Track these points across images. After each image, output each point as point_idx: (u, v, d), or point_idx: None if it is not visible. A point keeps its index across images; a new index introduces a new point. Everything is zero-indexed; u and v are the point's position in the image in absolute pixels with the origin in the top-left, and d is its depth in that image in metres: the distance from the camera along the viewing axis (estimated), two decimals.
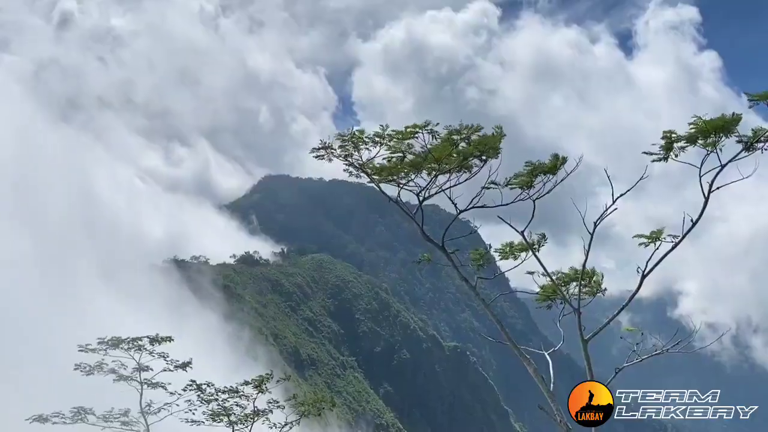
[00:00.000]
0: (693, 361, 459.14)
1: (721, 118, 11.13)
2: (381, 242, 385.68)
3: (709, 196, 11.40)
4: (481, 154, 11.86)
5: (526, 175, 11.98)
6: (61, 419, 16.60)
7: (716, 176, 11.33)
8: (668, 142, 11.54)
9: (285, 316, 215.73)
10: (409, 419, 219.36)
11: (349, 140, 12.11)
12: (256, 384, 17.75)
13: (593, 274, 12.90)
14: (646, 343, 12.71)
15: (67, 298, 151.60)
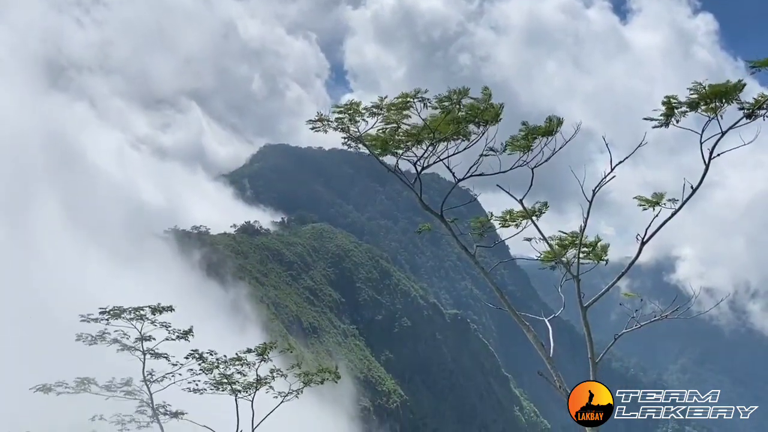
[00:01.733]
0: (691, 326, 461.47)
1: (724, 85, 11.03)
2: (381, 211, 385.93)
3: (709, 162, 11.36)
4: (476, 118, 11.80)
5: (522, 138, 11.91)
6: (64, 389, 16.72)
7: (717, 143, 11.29)
8: (669, 108, 11.46)
9: (286, 285, 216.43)
10: (410, 386, 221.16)
11: (345, 112, 12.04)
12: (259, 352, 17.85)
13: (597, 242, 12.89)
14: (645, 308, 12.74)
15: (67, 268, 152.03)
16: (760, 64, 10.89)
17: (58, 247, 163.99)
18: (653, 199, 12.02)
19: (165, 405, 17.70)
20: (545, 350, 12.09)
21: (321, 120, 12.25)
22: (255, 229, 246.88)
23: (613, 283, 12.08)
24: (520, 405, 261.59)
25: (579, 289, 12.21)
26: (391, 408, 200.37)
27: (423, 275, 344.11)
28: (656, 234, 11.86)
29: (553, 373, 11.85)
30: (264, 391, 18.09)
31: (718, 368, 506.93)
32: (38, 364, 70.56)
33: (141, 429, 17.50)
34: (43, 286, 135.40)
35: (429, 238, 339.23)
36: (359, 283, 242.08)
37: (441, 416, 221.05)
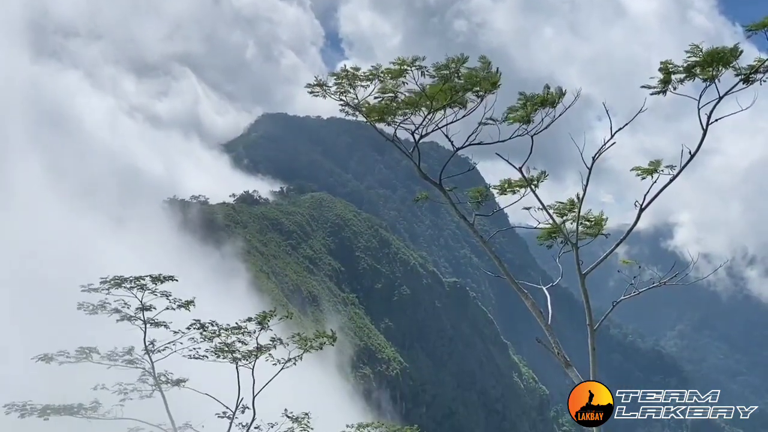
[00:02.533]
0: (689, 293, 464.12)
1: (721, 49, 10.97)
2: (380, 180, 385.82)
3: (707, 128, 11.33)
4: (474, 87, 11.73)
5: (521, 109, 11.86)
6: (66, 358, 16.82)
7: (714, 108, 11.25)
8: (666, 75, 11.40)
9: (285, 254, 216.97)
10: (410, 353, 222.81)
11: (343, 78, 11.98)
12: (259, 321, 17.94)
13: (599, 219, 12.88)
14: (643, 275, 12.78)
15: (67, 237, 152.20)
16: (756, 27, 10.82)
17: (50, 214, 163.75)
18: (650, 167, 12.01)
19: (166, 374, 17.83)
20: (544, 318, 12.16)
21: (319, 85, 12.20)
22: (254, 199, 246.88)
23: (611, 251, 12.11)
24: (518, 371, 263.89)
25: (577, 256, 12.25)
26: (391, 375, 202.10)
27: (422, 244, 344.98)
28: (654, 200, 11.87)
29: (552, 340, 11.94)
30: (264, 359, 18.22)
31: (715, 334, 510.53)
32: (34, 333, 71.02)
33: (143, 398, 17.65)
34: (35, 250, 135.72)
35: (428, 206, 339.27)
36: (358, 252, 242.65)
37: (440, 383, 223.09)
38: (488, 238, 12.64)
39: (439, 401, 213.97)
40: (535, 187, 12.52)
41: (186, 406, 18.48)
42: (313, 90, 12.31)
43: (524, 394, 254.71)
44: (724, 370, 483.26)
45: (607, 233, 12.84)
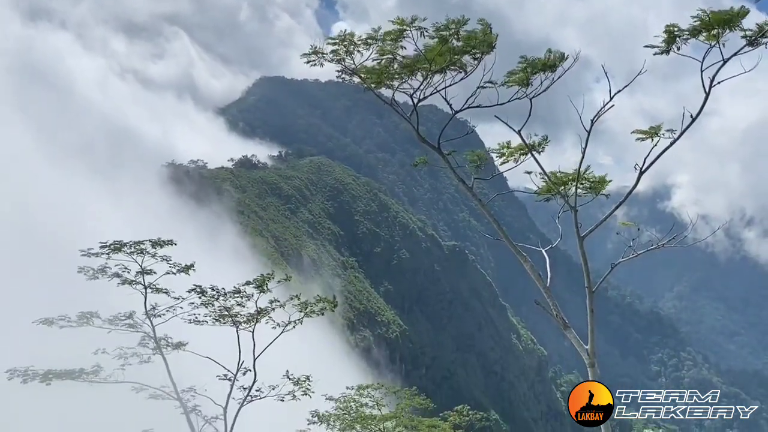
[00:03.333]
0: (687, 254, 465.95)
1: (728, 12, 10.86)
2: (379, 143, 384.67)
3: (710, 90, 11.26)
4: (472, 49, 11.61)
5: (521, 72, 11.76)
6: (67, 322, 16.88)
7: (719, 70, 11.16)
8: (671, 36, 11.30)
9: (285, 218, 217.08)
10: (409, 316, 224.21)
11: (340, 44, 11.83)
12: (258, 284, 17.99)
13: (600, 179, 12.83)
14: (641, 237, 12.79)
15: (65, 201, 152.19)
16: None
17: (41, 176, 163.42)
18: (651, 131, 11.95)
19: (167, 338, 17.93)
20: (542, 280, 12.20)
21: (316, 53, 12.06)
22: (252, 163, 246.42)
23: (610, 213, 12.11)
24: (517, 333, 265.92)
25: (576, 219, 12.25)
26: (391, 338, 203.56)
27: (421, 207, 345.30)
28: (654, 163, 11.83)
29: (550, 302, 11.99)
30: (264, 322, 18.32)
31: (713, 295, 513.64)
32: (32, 297, 71.37)
33: (143, 362, 17.77)
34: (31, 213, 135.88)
35: (427, 170, 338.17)
36: (358, 216, 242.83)
37: (440, 345, 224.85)
38: (487, 202, 12.62)
39: (439, 363, 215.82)
40: (538, 153, 12.47)
41: (187, 370, 18.63)
42: (310, 59, 12.16)
43: (523, 356, 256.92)
44: (722, 331, 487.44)
45: (608, 194, 12.82)
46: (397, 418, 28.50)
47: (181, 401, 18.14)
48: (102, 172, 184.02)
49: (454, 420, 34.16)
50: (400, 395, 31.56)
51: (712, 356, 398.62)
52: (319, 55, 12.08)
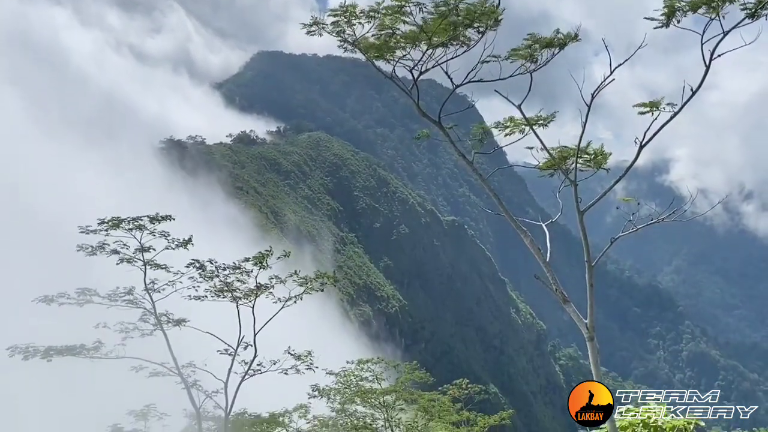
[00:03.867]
0: (685, 228, 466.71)
1: None
2: (378, 119, 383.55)
3: (710, 63, 11.18)
4: (474, 22, 11.51)
5: (525, 49, 11.67)
6: (66, 300, 16.89)
7: (719, 43, 11.08)
8: (671, 9, 11.20)
9: (284, 194, 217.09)
10: (409, 291, 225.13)
11: (341, 15, 11.72)
12: (257, 260, 17.99)
13: (600, 152, 12.77)
14: (641, 211, 12.77)
15: (60, 175, 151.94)
16: None
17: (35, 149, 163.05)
18: (652, 104, 11.89)
19: (167, 313, 17.96)
20: (542, 254, 12.19)
21: (316, 23, 11.95)
22: (251, 139, 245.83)
23: (610, 187, 12.09)
24: (516, 307, 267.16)
25: (576, 193, 12.22)
26: (391, 312, 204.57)
27: (420, 182, 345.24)
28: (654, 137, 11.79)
29: (550, 276, 11.99)
30: (264, 297, 18.35)
31: (712, 269, 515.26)
32: (39, 276, 71.45)
33: (144, 336, 17.81)
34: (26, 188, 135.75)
35: (426, 145, 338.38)
36: (357, 191, 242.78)
37: (439, 319, 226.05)
38: (487, 176, 12.59)
39: (438, 337, 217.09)
40: (543, 126, 12.41)
41: (187, 345, 18.70)
42: (310, 30, 12.06)
43: (522, 330, 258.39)
44: (720, 304, 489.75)
45: (608, 168, 12.78)
46: (397, 391, 28.70)
47: (182, 376, 18.23)
48: (98, 146, 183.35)
49: (453, 393, 34.41)
50: (400, 369, 31.75)
51: (710, 329, 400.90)
52: (319, 26, 11.97)
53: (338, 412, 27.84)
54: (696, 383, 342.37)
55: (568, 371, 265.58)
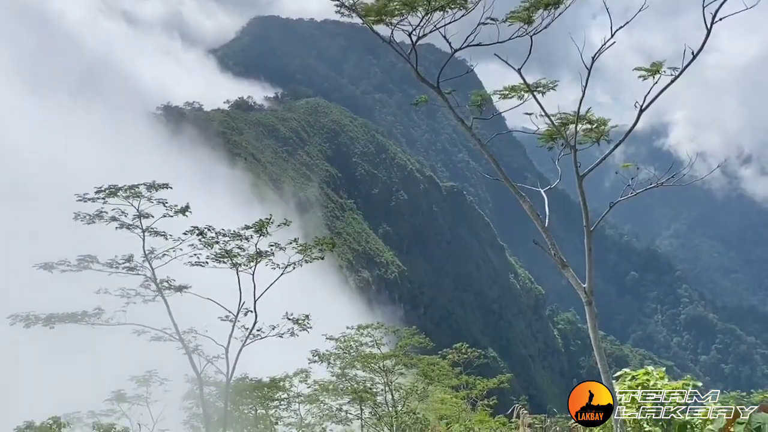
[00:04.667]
0: (683, 192, 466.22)
1: None
2: (376, 84, 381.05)
3: (711, 26, 11.06)
4: None
5: (524, 11, 11.54)
6: (67, 267, 16.93)
7: (720, 6, 10.95)
8: None
9: (282, 161, 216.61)
10: (408, 257, 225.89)
11: None
12: (257, 228, 18.03)
13: (601, 122, 12.68)
14: (639, 175, 12.73)
15: (55, 141, 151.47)
16: None
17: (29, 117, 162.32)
18: (653, 68, 11.78)
19: (168, 280, 18.02)
20: (540, 220, 12.18)
21: None
22: (248, 105, 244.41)
23: (610, 152, 12.03)
24: (515, 273, 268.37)
25: (575, 158, 12.18)
26: (390, 278, 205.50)
27: (419, 148, 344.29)
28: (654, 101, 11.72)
29: (549, 241, 12.00)
30: (264, 264, 18.41)
31: (710, 233, 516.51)
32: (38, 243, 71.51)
33: (146, 302, 17.89)
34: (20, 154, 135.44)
35: (425, 110, 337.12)
36: (355, 157, 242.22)
37: (438, 285, 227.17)
38: (486, 142, 12.54)
39: (437, 303, 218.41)
40: (542, 94, 12.31)
41: (188, 312, 18.80)
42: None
43: (520, 295, 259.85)
44: (718, 268, 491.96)
45: (609, 138, 12.71)
46: (396, 356, 28.94)
47: (183, 342, 18.36)
48: (90, 110, 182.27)
49: (452, 358, 34.74)
50: (400, 334, 32.00)
51: (708, 293, 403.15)
52: None
53: (338, 377, 28.12)
54: (693, 346, 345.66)
55: (566, 335, 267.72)
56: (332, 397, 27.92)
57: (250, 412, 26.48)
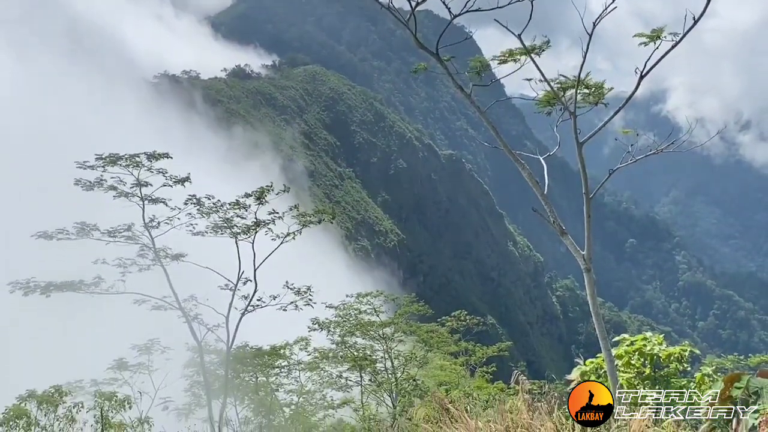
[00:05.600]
0: (682, 158, 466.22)
1: None
2: (374, 51, 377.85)
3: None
4: None
5: None
6: (65, 235, 16.92)
7: None
8: None
9: (280, 129, 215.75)
10: (407, 225, 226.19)
11: None
12: (257, 196, 18.00)
13: (600, 85, 12.59)
14: (639, 142, 12.68)
15: (58, 112, 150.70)
16: None
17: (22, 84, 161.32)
18: (653, 34, 11.67)
19: (166, 248, 18.04)
20: (540, 187, 12.16)
21: None
22: (246, 73, 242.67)
23: (610, 118, 11.97)
24: (514, 240, 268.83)
25: (575, 125, 12.13)
26: (389, 247, 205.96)
27: (418, 116, 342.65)
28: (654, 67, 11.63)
29: (548, 208, 11.99)
30: (263, 233, 18.42)
31: (709, 200, 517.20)
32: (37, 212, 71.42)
33: (143, 272, 17.92)
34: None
35: (423, 78, 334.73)
36: (354, 126, 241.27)
37: (437, 253, 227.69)
38: (485, 109, 12.46)
39: (436, 271, 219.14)
40: (538, 56, 12.20)
41: (187, 281, 18.84)
42: None
43: (519, 262, 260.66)
44: (716, 235, 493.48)
45: (607, 102, 12.62)
46: (395, 324, 29.11)
47: (183, 311, 18.43)
48: (84, 78, 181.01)
49: (451, 325, 34.94)
50: (399, 302, 32.16)
51: (706, 260, 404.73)
52: None
53: (338, 344, 28.30)
54: (691, 313, 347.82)
55: (564, 302, 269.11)
56: (332, 364, 28.13)
57: (250, 379, 26.67)
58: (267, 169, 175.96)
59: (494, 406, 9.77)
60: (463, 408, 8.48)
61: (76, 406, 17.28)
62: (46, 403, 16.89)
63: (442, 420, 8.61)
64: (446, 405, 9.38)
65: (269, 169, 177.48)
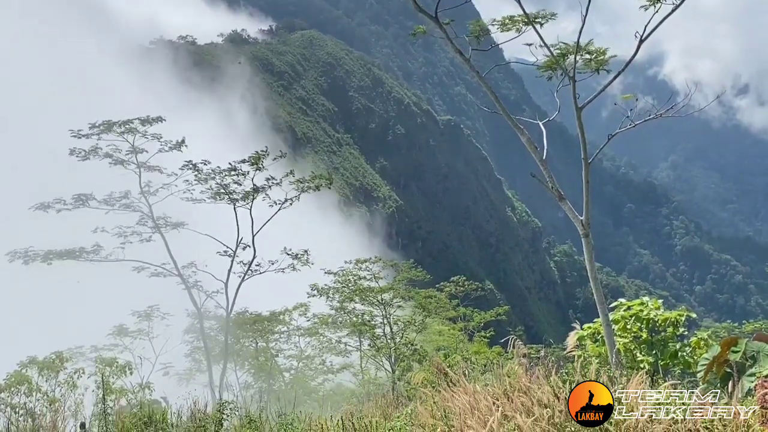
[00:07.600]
0: (681, 123, 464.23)
1: None
2: (372, 16, 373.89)
3: None
4: None
5: None
6: (63, 206, 16.89)
7: None
8: None
9: (278, 95, 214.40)
10: (405, 191, 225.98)
11: None
12: (253, 161, 17.93)
13: (601, 51, 12.48)
14: (637, 107, 12.62)
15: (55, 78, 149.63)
16: None
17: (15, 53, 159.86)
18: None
19: (165, 216, 18.03)
20: (538, 152, 12.13)
21: None
22: (242, 38, 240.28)
23: (609, 82, 11.90)
24: (512, 206, 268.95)
25: (575, 90, 12.06)
26: (387, 213, 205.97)
27: (416, 82, 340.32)
28: (648, 30, 11.54)
29: (546, 174, 11.97)
30: (261, 199, 18.40)
31: (707, 164, 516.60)
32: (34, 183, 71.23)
33: (143, 241, 17.93)
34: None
35: (421, 43, 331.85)
36: (352, 91, 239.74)
37: (435, 219, 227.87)
38: (484, 74, 12.36)
39: (434, 236, 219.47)
40: (540, 24, 12.09)
41: (186, 248, 18.86)
42: None
43: (517, 227, 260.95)
44: (715, 199, 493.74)
45: (609, 68, 12.53)
46: (394, 289, 29.23)
47: (182, 277, 18.49)
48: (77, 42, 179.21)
49: (450, 290, 35.11)
50: (398, 268, 32.26)
51: (704, 224, 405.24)
52: None
53: (337, 310, 28.46)
54: (689, 277, 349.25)
55: (562, 267, 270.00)
56: (331, 329, 28.31)
57: (250, 345, 26.84)
58: (264, 134, 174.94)
59: (492, 370, 9.85)
60: (461, 372, 8.54)
61: (77, 372, 17.40)
62: (47, 369, 16.99)
63: (440, 384, 8.68)
64: (444, 369, 9.46)
65: (266, 134, 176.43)
